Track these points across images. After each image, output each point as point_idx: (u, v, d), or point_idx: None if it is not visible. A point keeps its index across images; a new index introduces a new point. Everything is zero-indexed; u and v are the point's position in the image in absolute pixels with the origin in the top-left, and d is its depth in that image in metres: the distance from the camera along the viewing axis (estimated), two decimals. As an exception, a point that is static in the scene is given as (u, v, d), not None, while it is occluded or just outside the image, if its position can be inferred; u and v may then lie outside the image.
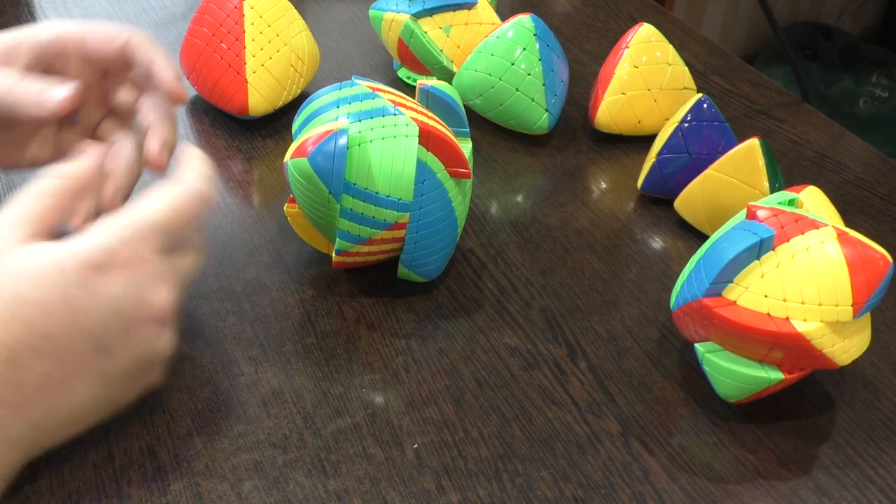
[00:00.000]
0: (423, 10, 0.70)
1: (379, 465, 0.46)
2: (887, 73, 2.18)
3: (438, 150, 0.50)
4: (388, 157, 0.49)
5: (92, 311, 0.40)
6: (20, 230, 0.41)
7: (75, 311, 0.40)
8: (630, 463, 0.46)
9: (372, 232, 0.50)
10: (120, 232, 0.42)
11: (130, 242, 0.41)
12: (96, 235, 0.41)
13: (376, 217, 0.50)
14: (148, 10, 0.84)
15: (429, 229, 0.52)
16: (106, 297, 0.40)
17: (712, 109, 0.61)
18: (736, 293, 0.45)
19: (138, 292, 0.41)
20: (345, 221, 0.50)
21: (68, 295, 0.39)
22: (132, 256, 0.41)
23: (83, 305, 0.40)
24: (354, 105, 0.50)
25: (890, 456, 0.47)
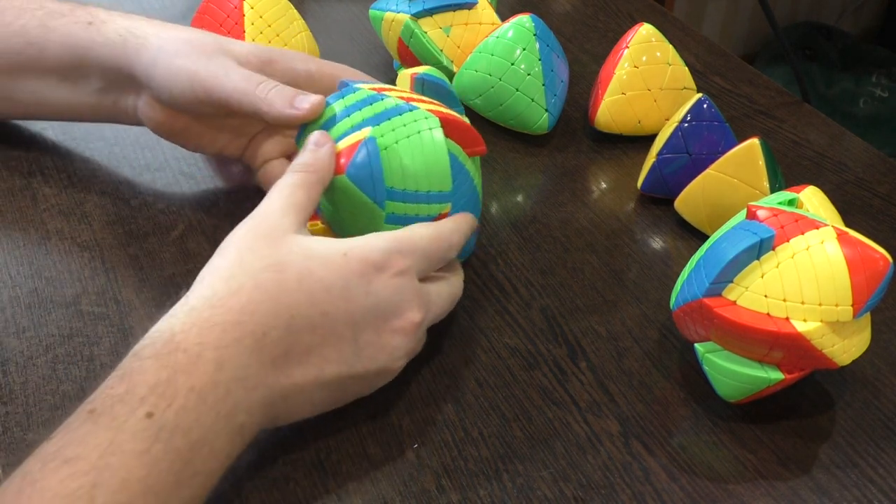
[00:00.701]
0: (423, 10, 0.70)
1: (379, 465, 0.46)
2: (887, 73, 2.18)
3: (455, 134, 0.50)
4: (419, 153, 0.49)
5: (361, 302, 0.44)
6: (293, 218, 0.45)
7: (349, 297, 0.43)
8: (630, 463, 0.46)
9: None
10: (396, 243, 0.45)
11: (403, 253, 0.45)
12: (375, 239, 0.45)
13: (420, 214, 0.49)
14: (148, 10, 0.84)
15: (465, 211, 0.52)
16: (375, 294, 0.44)
17: (712, 109, 0.61)
18: (736, 293, 0.45)
19: (399, 301, 0.45)
20: (390, 226, 0.49)
21: (349, 281, 0.43)
22: (403, 268, 0.45)
23: (356, 295, 0.43)
24: (366, 110, 0.50)
25: (890, 456, 0.47)
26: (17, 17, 0.58)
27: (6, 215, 0.59)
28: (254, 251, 0.43)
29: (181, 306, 0.42)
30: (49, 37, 0.57)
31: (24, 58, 0.58)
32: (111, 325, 0.52)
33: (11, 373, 0.49)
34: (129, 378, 0.38)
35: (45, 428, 0.46)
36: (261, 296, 0.42)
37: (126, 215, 0.60)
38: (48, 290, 0.54)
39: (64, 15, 0.58)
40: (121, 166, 0.64)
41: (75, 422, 0.37)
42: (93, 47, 0.57)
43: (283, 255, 0.43)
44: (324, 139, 0.49)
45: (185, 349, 0.39)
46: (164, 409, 0.38)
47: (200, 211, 0.60)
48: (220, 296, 0.41)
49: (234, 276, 0.42)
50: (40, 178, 0.62)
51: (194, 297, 0.42)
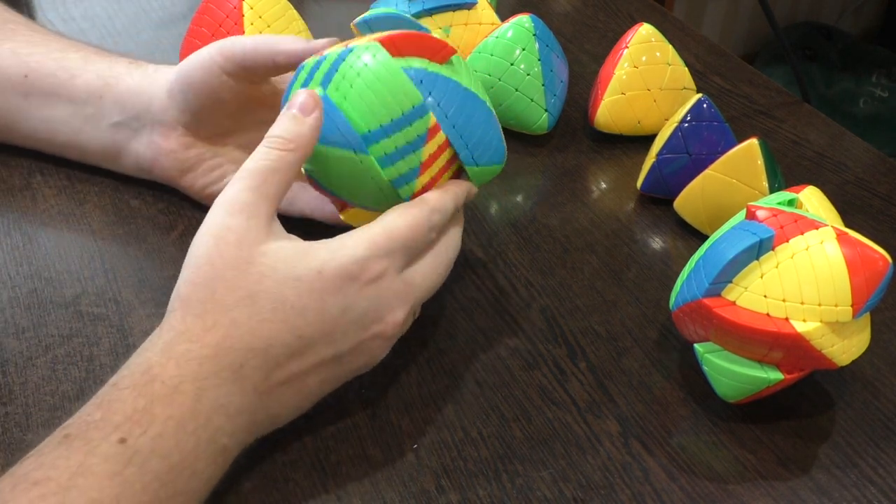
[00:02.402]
0: (422, 10, 0.70)
1: (378, 466, 0.46)
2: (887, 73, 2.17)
3: (410, 48, 0.47)
4: (372, 82, 0.46)
5: (339, 319, 0.43)
6: (264, 217, 0.43)
7: (326, 318, 0.43)
8: (630, 463, 0.46)
9: (417, 155, 0.47)
10: (371, 246, 0.44)
11: (379, 257, 0.44)
12: (350, 246, 0.43)
13: (409, 139, 0.47)
14: (148, 10, 0.84)
15: (461, 114, 0.48)
16: (353, 308, 0.43)
17: (712, 109, 0.61)
18: (735, 293, 0.45)
19: (379, 308, 0.44)
20: (390, 169, 0.47)
21: (324, 301, 0.42)
22: (381, 271, 0.44)
23: (333, 313, 0.43)
24: (317, 75, 0.48)
25: (890, 456, 0.47)
26: (62, 49, 0.60)
27: (6, 216, 0.60)
28: (224, 280, 0.42)
29: (156, 339, 0.41)
30: (87, 67, 0.58)
31: (54, 80, 0.58)
32: (111, 326, 0.52)
33: (11, 373, 0.49)
34: (107, 406, 0.39)
35: (44, 429, 0.46)
36: (236, 331, 0.41)
37: (126, 215, 0.60)
38: (48, 291, 0.54)
39: (110, 56, 0.60)
40: (120, 167, 0.64)
41: (49, 445, 0.38)
42: (124, 79, 0.57)
43: (255, 283, 0.42)
44: (313, 102, 0.46)
45: (163, 381, 0.39)
46: (139, 436, 0.38)
47: (200, 211, 0.60)
48: (195, 331, 0.41)
49: (207, 312, 0.41)
50: (40, 178, 0.62)
51: (168, 331, 0.41)
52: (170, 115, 0.56)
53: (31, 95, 0.59)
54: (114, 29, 0.81)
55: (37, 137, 0.62)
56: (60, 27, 0.81)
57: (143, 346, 0.42)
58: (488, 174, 0.51)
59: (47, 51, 0.60)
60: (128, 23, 0.82)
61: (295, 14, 0.70)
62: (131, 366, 0.41)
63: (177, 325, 0.42)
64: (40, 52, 0.60)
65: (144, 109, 0.57)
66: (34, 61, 0.59)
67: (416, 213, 0.46)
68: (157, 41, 0.79)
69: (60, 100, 0.59)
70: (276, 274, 0.42)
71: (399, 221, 0.45)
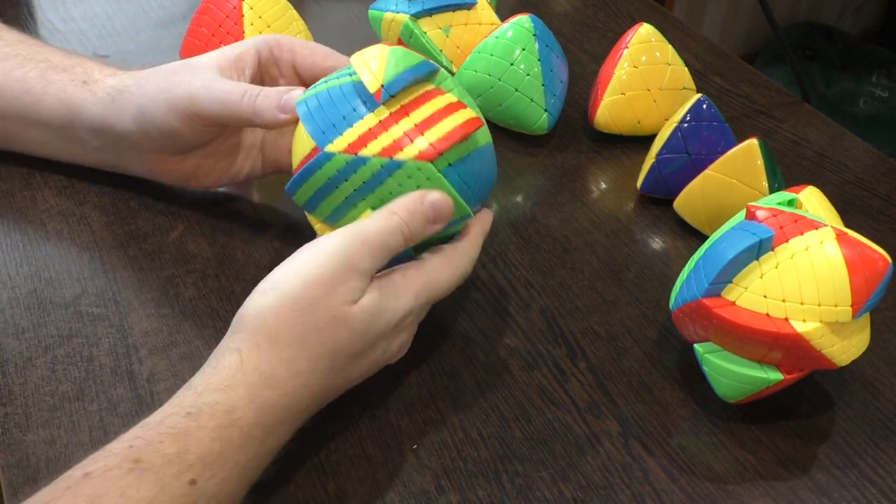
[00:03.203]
0: (422, 11, 0.70)
1: (378, 466, 0.46)
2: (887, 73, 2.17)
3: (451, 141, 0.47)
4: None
5: (377, 360, 0.46)
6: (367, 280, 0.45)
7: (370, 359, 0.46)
8: (630, 463, 0.46)
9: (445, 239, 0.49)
10: (419, 297, 0.46)
11: (421, 307, 0.47)
12: (405, 299, 0.46)
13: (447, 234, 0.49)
14: (148, 10, 0.84)
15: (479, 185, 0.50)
16: (388, 352, 0.47)
17: (712, 109, 0.61)
18: (735, 293, 0.45)
19: (400, 348, 0.47)
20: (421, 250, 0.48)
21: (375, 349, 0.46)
22: (413, 321, 0.47)
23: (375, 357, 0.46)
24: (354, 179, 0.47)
25: (889, 456, 0.47)
26: (20, 65, 0.59)
27: (6, 216, 0.59)
28: (318, 332, 0.43)
29: (240, 376, 0.41)
30: (47, 90, 0.57)
31: (21, 105, 0.58)
32: (110, 326, 0.52)
33: (11, 374, 0.49)
34: (183, 440, 0.39)
35: (44, 429, 0.46)
36: (313, 381, 0.43)
37: (125, 216, 0.60)
38: (47, 291, 0.54)
39: (65, 70, 0.58)
40: (120, 167, 0.64)
41: (118, 469, 0.37)
42: (85, 107, 0.56)
43: (342, 339, 0.44)
44: (447, 213, 0.47)
45: (241, 427, 0.40)
46: (208, 479, 0.39)
47: (200, 212, 0.60)
48: (280, 377, 0.42)
49: (294, 360, 0.43)
50: (40, 178, 0.62)
51: (252, 370, 0.42)
52: (147, 146, 0.56)
53: (8, 118, 0.59)
54: (113, 29, 0.81)
55: (30, 151, 0.62)
56: (60, 27, 0.81)
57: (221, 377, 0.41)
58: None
59: (8, 68, 0.58)
60: (127, 23, 0.82)
61: (295, 14, 0.70)
62: (212, 402, 0.40)
63: (263, 367, 0.42)
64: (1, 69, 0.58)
65: (119, 139, 0.57)
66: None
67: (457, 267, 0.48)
68: (157, 41, 0.79)
69: (36, 123, 0.58)
70: (359, 333, 0.44)
71: (445, 274, 0.47)
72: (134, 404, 0.48)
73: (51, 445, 0.46)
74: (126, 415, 0.47)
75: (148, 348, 0.51)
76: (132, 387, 0.49)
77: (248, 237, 0.59)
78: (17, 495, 0.43)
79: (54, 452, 0.45)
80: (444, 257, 0.48)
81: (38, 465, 0.45)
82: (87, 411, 0.47)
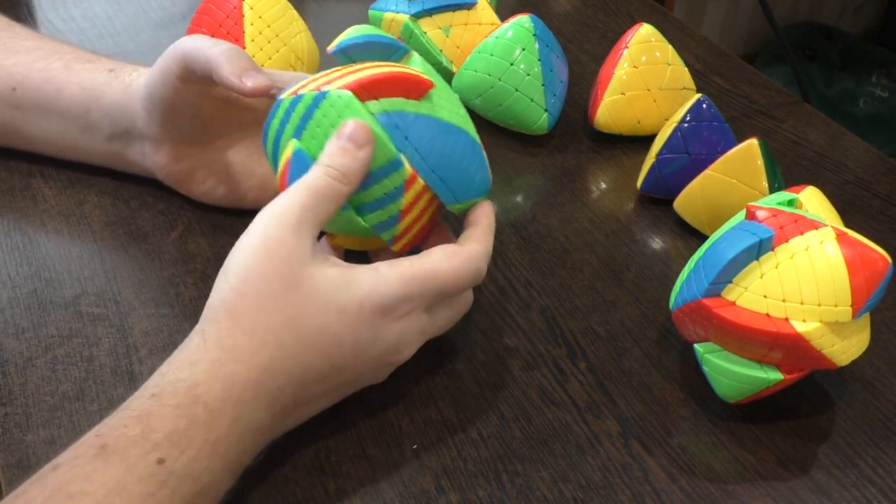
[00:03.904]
0: (422, 11, 0.70)
1: (378, 466, 0.46)
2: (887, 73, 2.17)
3: (386, 90, 0.47)
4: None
5: (367, 350, 0.44)
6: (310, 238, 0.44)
7: (358, 350, 0.44)
8: (630, 463, 0.46)
9: (396, 204, 0.47)
10: (409, 284, 0.44)
11: (414, 297, 0.45)
12: (391, 282, 0.44)
13: (385, 191, 0.47)
14: (148, 10, 0.84)
15: (440, 155, 0.48)
16: (381, 341, 0.45)
17: (712, 109, 0.61)
18: (735, 293, 0.45)
19: (399, 343, 0.45)
20: (370, 217, 0.48)
21: (359, 333, 0.44)
22: (410, 311, 0.45)
23: (364, 345, 0.44)
24: (293, 118, 0.47)
25: (889, 456, 0.47)
26: (43, 58, 0.59)
27: (6, 216, 0.60)
28: (274, 297, 0.42)
29: (202, 352, 0.41)
30: (70, 78, 0.58)
31: (42, 94, 0.58)
32: (110, 326, 0.52)
33: (11, 374, 0.49)
34: (147, 421, 0.39)
35: (44, 429, 0.46)
36: (280, 353, 0.42)
37: (125, 216, 0.60)
38: (48, 291, 0.54)
39: (90, 61, 0.59)
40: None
41: (84, 455, 0.38)
42: (107, 92, 0.57)
43: (301, 304, 0.42)
44: (365, 137, 0.45)
45: (206, 403, 0.40)
46: (176, 457, 0.38)
47: (199, 211, 0.60)
48: (243, 349, 0.41)
49: (255, 331, 0.42)
50: (40, 178, 0.62)
51: (214, 347, 0.41)
52: (154, 131, 0.56)
53: (23, 108, 0.59)
54: (113, 29, 0.81)
55: (36, 145, 0.62)
56: (60, 27, 0.81)
57: (184, 354, 0.42)
58: (471, 205, 0.51)
59: (30, 60, 0.59)
60: (127, 23, 0.82)
61: (295, 14, 0.70)
62: (174, 380, 0.40)
63: (224, 339, 0.42)
64: (23, 61, 0.59)
65: (131, 125, 0.57)
66: (19, 73, 0.59)
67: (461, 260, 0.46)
68: (157, 41, 0.79)
69: (52, 113, 0.59)
70: (320, 300, 0.43)
71: (443, 264, 0.46)
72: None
73: (51, 445, 0.46)
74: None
75: (148, 348, 0.51)
76: (132, 387, 0.49)
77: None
78: (17, 495, 0.43)
79: (54, 452, 0.45)
80: (447, 251, 0.46)
81: (38, 465, 0.44)
82: (87, 411, 0.47)
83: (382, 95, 0.47)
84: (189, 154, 0.57)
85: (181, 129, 0.56)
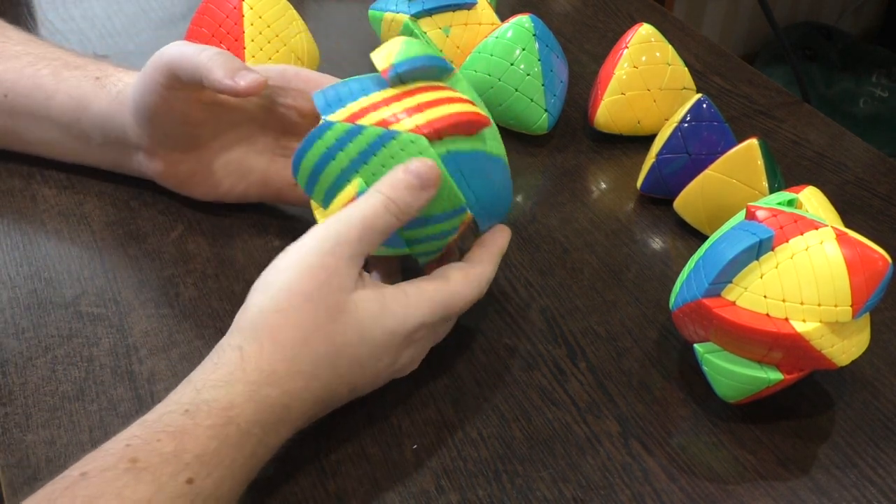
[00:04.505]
0: (422, 11, 0.70)
1: (378, 466, 0.46)
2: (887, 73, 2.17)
3: (451, 130, 0.46)
4: None
5: (384, 370, 0.46)
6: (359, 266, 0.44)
7: (376, 369, 0.45)
8: (629, 463, 0.46)
9: (445, 241, 0.49)
10: (435, 311, 0.45)
11: (434, 322, 0.46)
12: (422, 311, 0.45)
13: (442, 230, 0.48)
14: (148, 10, 0.84)
15: (484, 186, 0.48)
16: (397, 361, 0.46)
17: (712, 109, 0.61)
18: (735, 294, 0.45)
19: (410, 361, 0.47)
20: (417, 247, 0.48)
21: (381, 359, 0.45)
22: (427, 334, 0.47)
23: (382, 368, 0.45)
24: (350, 148, 0.46)
25: (889, 456, 0.47)
26: (32, 63, 0.59)
27: (6, 216, 0.60)
28: (318, 328, 0.42)
29: (239, 373, 0.41)
30: (59, 86, 0.58)
31: (32, 101, 0.58)
32: (110, 326, 0.52)
33: (11, 374, 0.49)
34: (180, 438, 0.39)
35: (44, 429, 0.46)
36: (315, 384, 0.43)
37: (125, 216, 0.60)
38: (47, 291, 0.54)
39: (78, 67, 0.59)
40: (120, 167, 0.64)
41: (114, 469, 0.37)
42: (94, 102, 0.57)
43: (341, 335, 0.43)
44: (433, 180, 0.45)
45: (238, 425, 0.40)
46: (205, 478, 0.38)
47: (199, 212, 0.60)
48: (280, 375, 0.42)
49: (296, 359, 0.42)
50: (40, 179, 0.62)
51: (253, 368, 0.41)
52: (146, 141, 0.56)
53: (16, 115, 0.59)
54: (113, 29, 0.81)
55: (35, 149, 0.62)
56: (60, 27, 0.81)
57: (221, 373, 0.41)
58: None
59: (20, 66, 0.59)
60: (127, 23, 0.82)
61: (295, 14, 0.70)
62: (210, 399, 0.40)
63: (264, 364, 0.41)
64: (13, 67, 0.59)
65: (122, 135, 0.57)
66: (9, 80, 0.59)
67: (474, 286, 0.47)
68: (157, 41, 0.79)
69: (44, 120, 0.59)
70: (359, 331, 0.43)
71: (462, 290, 0.47)
72: (134, 404, 0.48)
73: (51, 445, 0.46)
74: (126, 415, 0.47)
75: (148, 348, 0.51)
76: (132, 387, 0.49)
77: (248, 237, 0.59)
78: (17, 495, 0.43)
79: (54, 452, 0.45)
80: (463, 273, 0.47)
81: (38, 465, 0.45)
82: (87, 411, 0.47)
83: (446, 135, 0.47)
84: (184, 159, 0.57)
85: (173, 137, 0.56)
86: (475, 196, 0.48)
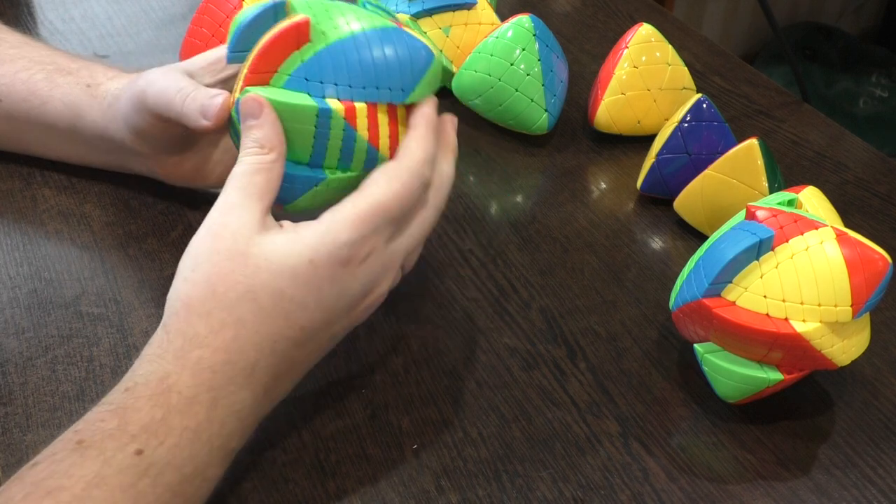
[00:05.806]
0: (422, 11, 0.70)
1: (378, 466, 0.46)
2: (887, 73, 2.17)
3: (275, 58, 0.45)
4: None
5: (336, 305, 0.44)
6: (254, 213, 0.43)
7: (324, 307, 0.43)
8: (629, 463, 0.46)
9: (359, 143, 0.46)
10: (360, 226, 0.43)
11: (368, 237, 0.43)
12: (338, 229, 0.43)
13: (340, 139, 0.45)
14: (148, 10, 0.84)
15: (359, 72, 0.45)
16: (347, 291, 0.44)
17: (712, 109, 0.61)
18: (735, 294, 0.45)
19: (367, 286, 0.44)
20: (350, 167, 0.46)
21: (321, 291, 0.43)
22: (370, 251, 0.44)
23: (329, 301, 0.43)
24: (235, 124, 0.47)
25: (889, 456, 0.47)
26: (26, 68, 0.59)
27: (6, 216, 0.60)
28: (223, 276, 0.42)
29: (165, 343, 0.41)
30: (52, 93, 0.58)
31: (28, 106, 0.58)
32: (111, 326, 0.52)
33: (11, 374, 0.49)
34: (122, 414, 0.39)
35: (44, 429, 0.46)
36: (243, 330, 0.41)
37: (125, 216, 0.60)
38: (48, 291, 0.54)
39: (70, 73, 0.58)
40: (120, 167, 0.64)
41: (62, 451, 0.38)
42: (87, 112, 0.57)
43: (252, 276, 0.42)
44: (257, 105, 0.44)
45: (179, 391, 0.40)
46: (156, 447, 0.38)
47: (199, 212, 0.60)
48: (203, 335, 0.41)
49: (211, 312, 0.41)
50: (40, 179, 0.62)
51: (176, 335, 0.41)
52: (146, 149, 0.56)
53: (13, 119, 0.59)
54: (113, 29, 0.81)
55: (38, 152, 0.62)
56: (60, 27, 0.81)
57: (151, 350, 0.41)
58: (429, 86, 0.47)
59: (14, 70, 0.59)
60: (127, 23, 0.82)
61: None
62: (145, 373, 0.40)
63: (184, 327, 0.41)
64: (8, 72, 0.59)
65: (120, 144, 0.57)
66: (4, 85, 0.58)
67: (403, 180, 0.44)
68: (157, 41, 0.79)
69: (41, 125, 0.59)
70: (270, 265, 0.42)
71: (386, 191, 0.44)
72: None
73: (51, 445, 0.46)
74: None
75: (148, 348, 0.51)
76: (132, 387, 0.49)
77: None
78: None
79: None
80: (381, 171, 0.44)
81: (38, 465, 0.45)
82: (87, 411, 0.47)
83: (277, 64, 0.45)
84: (188, 158, 0.57)
85: (171, 145, 0.56)
86: (353, 87, 0.45)
